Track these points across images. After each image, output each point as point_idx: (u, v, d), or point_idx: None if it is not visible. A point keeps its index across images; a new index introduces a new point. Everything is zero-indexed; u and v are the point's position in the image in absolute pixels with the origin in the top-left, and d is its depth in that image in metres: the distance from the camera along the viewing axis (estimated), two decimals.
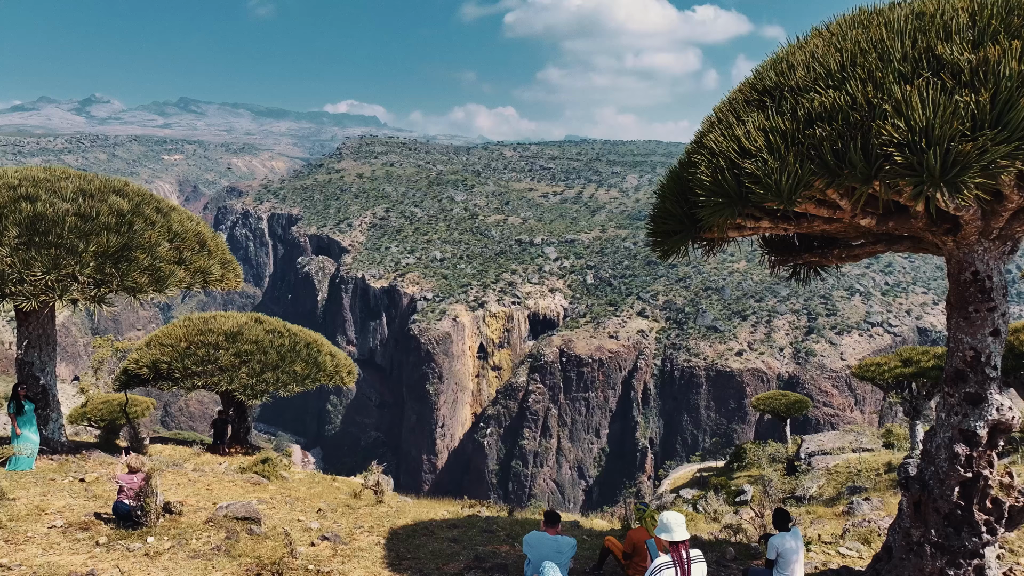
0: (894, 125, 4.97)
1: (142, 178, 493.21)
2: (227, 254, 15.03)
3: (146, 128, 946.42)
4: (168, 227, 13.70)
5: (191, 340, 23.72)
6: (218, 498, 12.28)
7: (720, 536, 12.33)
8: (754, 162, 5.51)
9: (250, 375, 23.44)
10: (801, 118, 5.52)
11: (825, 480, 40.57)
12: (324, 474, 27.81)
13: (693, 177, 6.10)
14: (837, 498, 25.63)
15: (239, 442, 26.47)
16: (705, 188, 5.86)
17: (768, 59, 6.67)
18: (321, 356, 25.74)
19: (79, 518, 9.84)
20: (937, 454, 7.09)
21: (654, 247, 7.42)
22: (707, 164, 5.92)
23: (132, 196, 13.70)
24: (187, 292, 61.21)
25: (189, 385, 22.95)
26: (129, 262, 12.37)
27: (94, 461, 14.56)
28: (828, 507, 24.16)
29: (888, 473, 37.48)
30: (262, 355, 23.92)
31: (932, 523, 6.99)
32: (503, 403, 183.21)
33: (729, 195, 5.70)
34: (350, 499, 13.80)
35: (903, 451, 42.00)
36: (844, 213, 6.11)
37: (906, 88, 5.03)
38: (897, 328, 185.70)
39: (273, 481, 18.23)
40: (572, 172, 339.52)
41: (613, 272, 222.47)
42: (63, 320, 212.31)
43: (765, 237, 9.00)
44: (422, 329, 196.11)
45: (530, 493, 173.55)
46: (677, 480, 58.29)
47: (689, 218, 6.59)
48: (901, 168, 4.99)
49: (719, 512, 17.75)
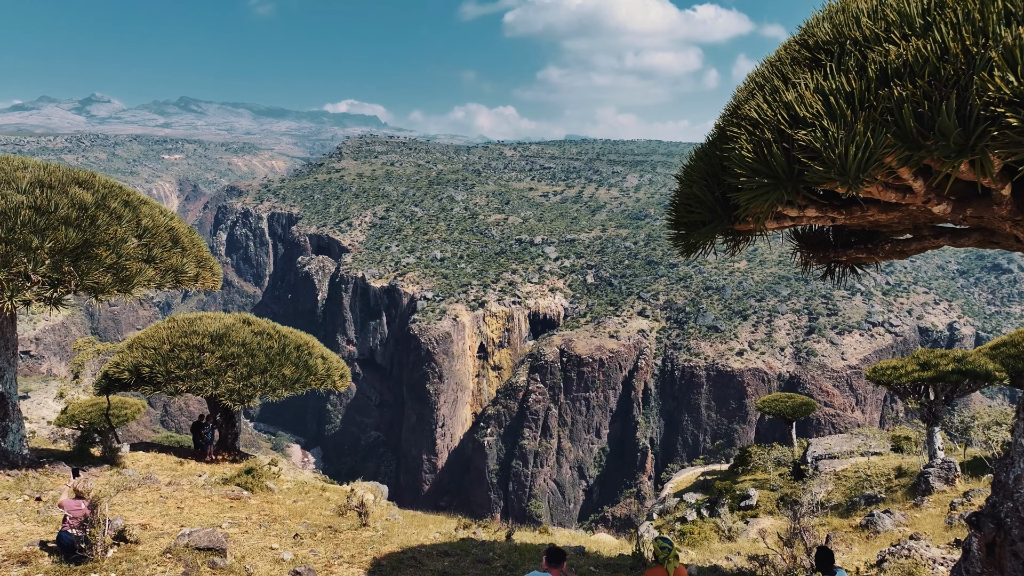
0: (1004, 79, 3.85)
1: (142, 177, 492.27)
2: (203, 252, 13.89)
3: (146, 128, 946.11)
4: (137, 222, 12.57)
5: (175, 342, 22.61)
6: (188, 519, 11.17)
7: (744, 568, 11.17)
8: (811, 133, 4.38)
9: (236, 379, 22.32)
10: (872, 76, 4.37)
11: (833, 485, 39.41)
12: (317, 482, 26.70)
13: (730, 154, 4.95)
14: (852, 507, 24.50)
15: (227, 448, 25.36)
16: (746, 167, 4.71)
17: (819, 12, 5.48)
18: (312, 359, 24.64)
19: (21, 548, 8.71)
20: (1017, 487, 5.94)
21: (676, 241, 6.23)
22: (748, 137, 4.78)
23: (98, 188, 12.57)
24: (187, 292, 59.99)
25: (172, 390, 21.85)
26: (90, 260, 11.25)
27: (57, 476, 13.45)
28: (843, 517, 23.05)
29: (899, 478, 36.35)
30: (249, 358, 22.81)
31: (1009, 570, 5.87)
32: (503, 403, 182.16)
33: (777, 174, 4.56)
34: (335, 518, 12.67)
35: (913, 455, 40.89)
36: (915, 198, 4.98)
37: (1019, 31, 3.91)
38: (898, 328, 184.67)
39: (257, 493, 17.10)
40: (572, 172, 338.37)
41: (613, 272, 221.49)
42: (62, 319, 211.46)
43: (797, 231, 7.87)
44: (422, 329, 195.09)
45: (530, 493, 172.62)
46: (680, 484, 57.10)
47: (722, 205, 5.43)
48: (1016, 133, 3.85)
49: (734, 530, 16.64)
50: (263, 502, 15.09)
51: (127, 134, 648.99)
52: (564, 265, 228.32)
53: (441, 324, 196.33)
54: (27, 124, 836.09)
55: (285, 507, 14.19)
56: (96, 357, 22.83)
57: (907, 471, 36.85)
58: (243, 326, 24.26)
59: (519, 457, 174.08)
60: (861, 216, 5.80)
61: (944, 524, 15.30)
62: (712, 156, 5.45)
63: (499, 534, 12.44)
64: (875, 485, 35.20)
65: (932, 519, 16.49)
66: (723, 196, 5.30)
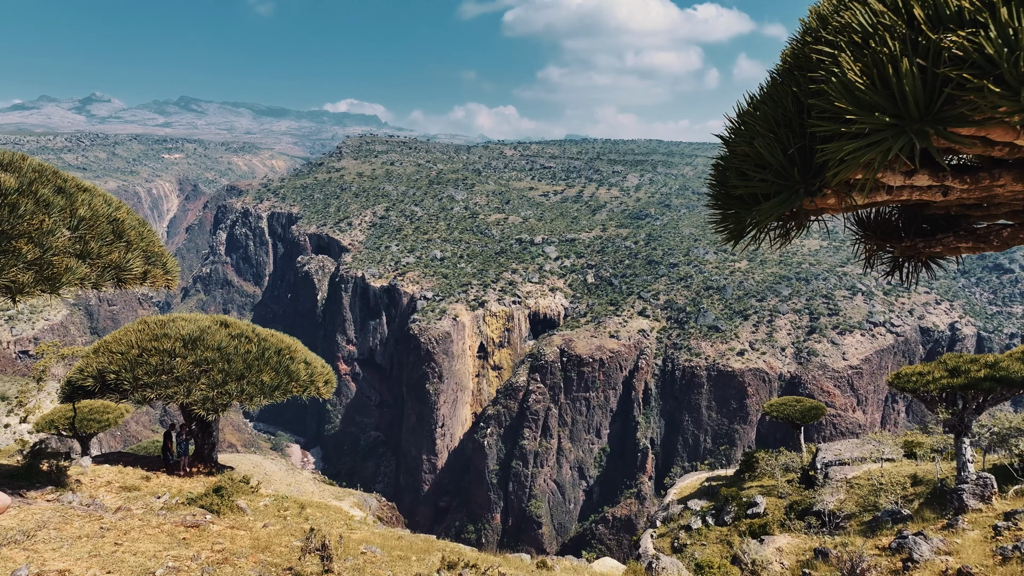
0: None
1: (142, 177, 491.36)
2: (154, 247, 12.16)
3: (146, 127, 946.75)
4: (71, 211, 10.84)
5: (144, 346, 20.89)
6: (119, 562, 9.45)
7: None
8: (975, 34, 2.68)
9: (210, 386, 20.59)
10: None
11: (845, 494, 37.66)
12: (301, 496, 25.01)
13: (820, 85, 3.23)
14: (876, 525, 22.72)
15: (203, 460, 23.64)
16: (854, 99, 3.01)
17: None
18: (294, 364, 22.91)
19: None
20: None
21: (722, 223, 4.44)
22: (856, 55, 3.06)
23: (26, 171, 10.86)
24: (187, 292, 57.91)
25: (140, 398, 20.15)
26: (7, 254, 9.53)
27: None
28: (867, 535, 21.29)
29: (915, 486, 34.55)
30: (225, 363, 21.10)
31: None
32: (503, 403, 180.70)
33: (908, 109, 2.87)
34: (300, 556, 10.91)
35: (927, 461, 39.17)
36: None
37: None
38: (899, 328, 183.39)
39: (224, 516, 15.36)
40: (573, 171, 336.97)
41: (614, 271, 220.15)
42: (61, 319, 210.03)
43: (860, 216, 6.13)
44: (422, 328, 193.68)
45: (530, 493, 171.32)
46: (684, 489, 55.38)
47: (802, 166, 3.68)
48: None
49: (758, 561, 14.95)
50: (227, 528, 13.34)
51: (127, 133, 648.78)
52: (564, 265, 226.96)
53: (441, 324, 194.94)
54: (27, 123, 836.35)
55: (250, 536, 12.44)
56: (61, 362, 21.14)
57: (923, 479, 35.03)
58: (219, 328, 22.56)
59: (519, 457, 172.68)
60: (987, 187, 4.09)
61: (992, 553, 13.60)
62: (784, 96, 3.73)
63: (490, 573, 10.70)
64: (890, 494, 33.44)
65: (976, 546, 14.79)
66: (809, 151, 3.55)
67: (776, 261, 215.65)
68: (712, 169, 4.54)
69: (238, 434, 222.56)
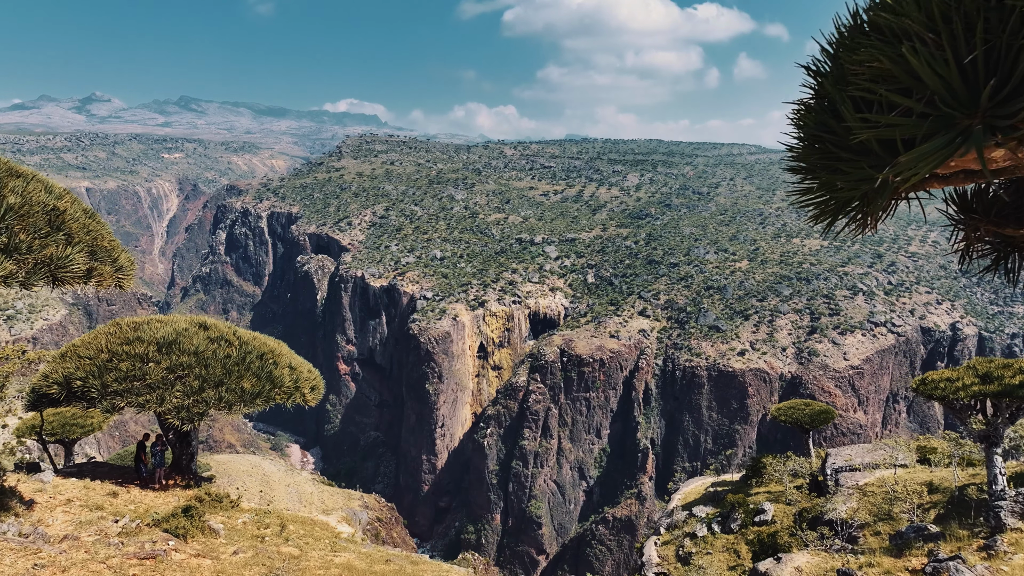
0: None
1: (142, 176, 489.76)
2: (104, 241, 10.69)
3: (146, 126, 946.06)
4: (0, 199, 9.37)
5: (114, 351, 19.37)
6: None
7: None
8: None
9: (186, 394, 19.03)
10: None
11: (858, 502, 36.13)
12: (283, 513, 23.54)
13: None
14: (903, 543, 21.21)
15: (181, 471, 22.12)
16: None
17: None
18: (277, 369, 21.36)
19: None
20: None
21: (818, 192, 2.97)
22: None
23: None
24: (187, 291, 55.87)
25: (108, 406, 18.62)
26: None
27: None
28: (893, 555, 19.82)
29: (931, 494, 33.02)
30: (202, 369, 19.58)
31: None
32: (503, 403, 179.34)
33: None
34: None
35: (942, 467, 37.72)
36: None
37: None
38: (901, 328, 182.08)
39: (192, 540, 13.90)
40: (573, 171, 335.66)
41: (614, 271, 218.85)
42: (60, 319, 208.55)
43: (958, 193, 4.67)
44: (422, 328, 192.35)
45: (530, 494, 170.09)
46: (688, 495, 53.93)
47: (975, 91, 2.23)
48: None
49: None
50: (190, 557, 11.87)
51: (127, 133, 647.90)
52: (564, 264, 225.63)
53: (441, 324, 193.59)
54: (27, 123, 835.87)
55: (212, 569, 10.96)
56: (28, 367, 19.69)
57: (939, 487, 33.50)
58: (198, 331, 21.08)
59: (519, 457, 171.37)
60: None
61: None
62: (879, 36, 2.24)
63: None
64: (905, 502, 31.94)
65: None
66: (934, 103, 2.09)
67: (776, 261, 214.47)
68: (794, 113, 3.05)
69: (237, 434, 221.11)
